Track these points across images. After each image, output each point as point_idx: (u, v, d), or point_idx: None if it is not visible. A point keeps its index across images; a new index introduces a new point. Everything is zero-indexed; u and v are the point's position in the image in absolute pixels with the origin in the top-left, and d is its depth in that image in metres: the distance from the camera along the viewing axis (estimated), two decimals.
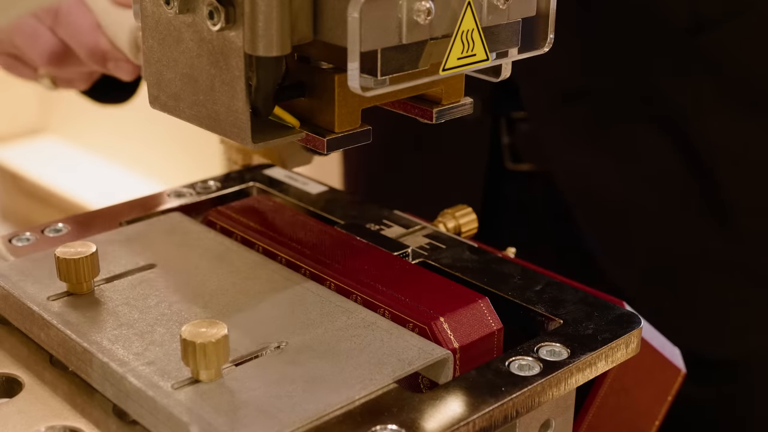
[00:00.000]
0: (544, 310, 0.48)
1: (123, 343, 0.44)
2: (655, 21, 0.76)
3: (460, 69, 0.44)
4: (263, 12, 0.40)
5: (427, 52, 0.43)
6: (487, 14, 0.44)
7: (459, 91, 0.49)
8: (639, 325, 0.47)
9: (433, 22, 0.42)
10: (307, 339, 0.45)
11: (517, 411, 0.42)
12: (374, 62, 0.42)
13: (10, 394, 0.45)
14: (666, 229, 0.79)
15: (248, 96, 0.43)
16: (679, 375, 0.52)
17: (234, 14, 0.42)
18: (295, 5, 0.41)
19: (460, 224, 0.58)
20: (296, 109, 0.46)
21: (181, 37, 0.45)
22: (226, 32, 0.42)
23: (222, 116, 0.44)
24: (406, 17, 0.41)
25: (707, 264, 0.80)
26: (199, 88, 0.45)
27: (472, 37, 0.44)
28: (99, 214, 0.59)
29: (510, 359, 0.44)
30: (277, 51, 0.41)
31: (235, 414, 0.39)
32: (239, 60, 0.42)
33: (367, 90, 0.42)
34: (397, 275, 0.49)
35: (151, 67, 0.47)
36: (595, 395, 0.49)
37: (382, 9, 0.40)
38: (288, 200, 0.61)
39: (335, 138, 0.45)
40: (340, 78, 0.44)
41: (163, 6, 0.44)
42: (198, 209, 0.60)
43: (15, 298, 0.48)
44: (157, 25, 0.46)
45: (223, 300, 0.48)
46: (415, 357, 0.43)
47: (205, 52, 0.44)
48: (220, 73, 0.43)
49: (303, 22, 0.42)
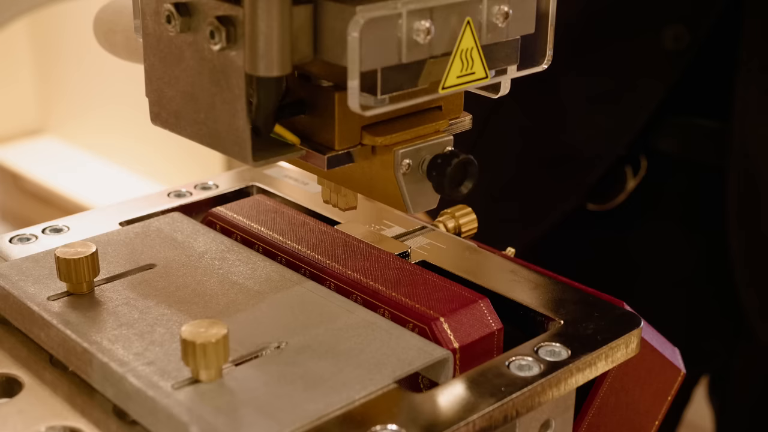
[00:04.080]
0: (544, 310, 0.48)
1: (123, 343, 0.44)
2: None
3: (459, 87, 0.44)
4: (264, 32, 0.41)
5: (426, 70, 0.43)
6: (486, 32, 0.44)
7: (459, 107, 0.50)
8: (639, 325, 0.47)
9: (432, 41, 0.42)
10: (307, 339, 0.45)
11: (517, 411, 0.42)
12: (374, 81, 0.42)
13: (10, 394, 0.45)
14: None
15: (249, 115, 0.43)
16: (679, 375, 0.52)
17: (235, 34, 0.42)
18: (295, 25, 0.41)
19: (460, 224, 0.58)
20: (296, 125, 0.46)
21: (182, 55, 0.45)
22: (227, 52, 0.43)
23: (223, 134, 0.44)
24: (405, 37, 0.41)
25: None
26: (200, 106, 0.45)
27: (471, 56, 0.44)
28: (99, 214, 0.59)
29: (510, 359, 0.44)
30: (277, 71, 0.41)
31: (235, 414, 0.39)
32: (240, 79, 0.43)
33: (367, 109, 0.42)
34: (397, 275, 0.49)
35: (152, 85, 0.47)
36: (595, 395, 0.49)
37: (382, 29, 0.40)
38: (288, 200, 0.61)
39: (336, 155, 0.46)
40: (340, 96, 0.45)
41: (165, 24, 0.45)
42: (198, 209, 0.60)
43: (15, 298, 0.48)
44: (158, 43, 0.46)
45: (223, 300, 0.48)
46: (415, 357, 0.43)
47: (206, 70, 0.44)
48: (221, 91, 0.44)
49: (303, 42, 0.42)
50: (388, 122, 0.46)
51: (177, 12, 0.44)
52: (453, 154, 0.45)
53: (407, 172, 0.46)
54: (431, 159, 0.46)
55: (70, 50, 2.48)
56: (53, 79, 2.60)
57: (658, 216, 0.87)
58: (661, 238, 0.88)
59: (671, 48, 0.78)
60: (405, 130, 0.46)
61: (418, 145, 0.46)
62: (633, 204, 0.86)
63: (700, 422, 1.17)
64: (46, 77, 2.62)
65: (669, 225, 0.87)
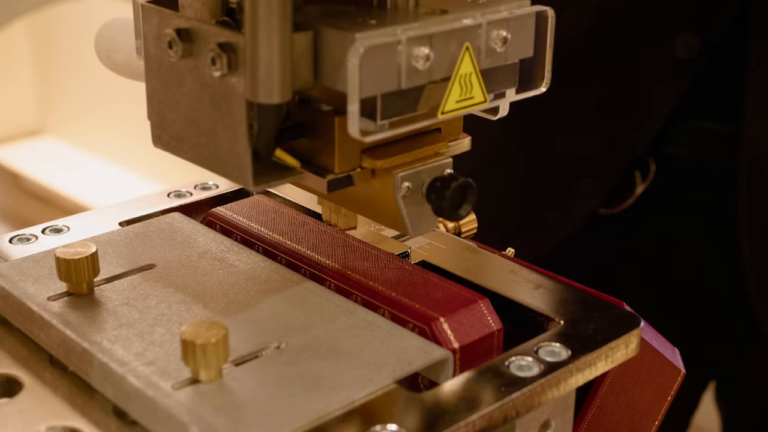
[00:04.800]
0: (544, 310, 0.48)
1: (123, 344, 0.44)
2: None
3: (458, 112, 0.45)
4: (264, 60, 0.41)
5: (426, 95, 0.44)
6: (485, 57, 0.44)
7: (458, 128, 0.50)
8: (639, 326, 0.47)
9: (431, 66, 0.42)
10: (307, 339, 0.45)
11: (517, 411, 0.42)
12: (374, 107, 0.42)
13: (10, 394, 0.45)
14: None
15: (250, 140, 0.43)
16: (679, 375, 0.52)
17: (236, 61, 0.42)
18: (296, 52, 0.42)
19: (460, 224, 0.58)
20: (296, 148, 0.47)
21: (184, 80, 0.45)
22: (228, 78, 0.43)
23: (224, 158, 0.45)
24: (405, 63, 0.41)
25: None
26: (201, 130, 0.45)
27: (470, 81, 0.44)
28: (99, 214, 0.59)
29: (510, 359, 0.44)
30: (278, 98, 0.41)
31: (235, 414, 0.39)
32: (241, 105, 0.43)
33: (367, 134, 0.42)
34: (397, 275, 0.49)
35: (153, 108, 0.48)
36: (595, 395, 0.49)
37: (382, 56, 0.41)
38: (288, 200, 0.61)
39: (336, 178, 0.46)
40: (340, 120, 0.45)
41: (166, 49, 0.45)
42: (198, 209, 0.60)
43: (15, 298, 0.48)
44: (159, 67, 0.46)
45: (223, 300, 0.48)
46: (415, 357, 0.43)
47: (207, 95, 0.44)
48: (222, 117, 0.44)
49: (304, 69, 0.42)
50: (387, 145, 0.46)
51: (179, 38, 0.44)
52: (452, 178, 0.46)
53: (407, 195, 0.46)
54: (430, 182, 0.46)
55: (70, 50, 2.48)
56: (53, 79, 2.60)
57: (667, 220, 0.87)
58: (670, 242, 0.88)
59: (682, 56, 0.79)
60: (404, 152, 0.47)
61: (417, 168, 0.46)
62: (642, 208, 0.86)
63: (708, 426, 1.17)
64: (46, 77, 2.62)
65: (678, 229, 0.88)
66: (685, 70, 0.79)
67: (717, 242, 0.86)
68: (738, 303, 0.85)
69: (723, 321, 0.89)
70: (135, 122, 2.20)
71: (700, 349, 0.87)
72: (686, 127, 0.83)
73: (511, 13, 0.45)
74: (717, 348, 0.90)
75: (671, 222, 0.87)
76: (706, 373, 0.94)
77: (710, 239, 0.87)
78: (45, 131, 2.68)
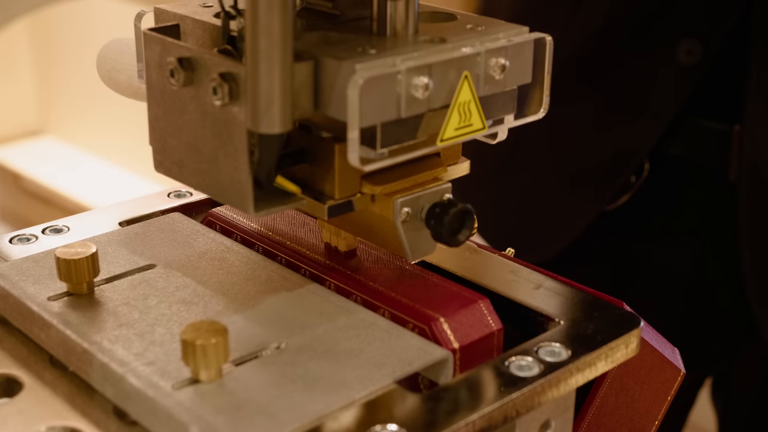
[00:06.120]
0: (544, 310, 0.48)
1: (123, 344, 0.44)
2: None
3: (457, 139, 0.45)
4: (265, 90, 0.41)
5: (425, 123, 0.44)
6: (483, 84, 0.45)
7: (457, 153, 0.50)
8: (639, 326, 0.47)
9: (431, 95, 0.42)
10: (307, 339, 0.45)
11: (517, 411, 0.42)
12: (373, 135, 0.42)
13: (10, 394, 0.45)
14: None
15: (251, 167, 0.43)
16: (679, 375, 0.52)
17: (237, 91, 0.42)
18: (296, 82, 0.42)
19: None
20: (297, 174, 0.47)
21: (186, 108, 0.45)
22: (229, 108, 0.43)
23: (225, 185, 0.45)
24: (404, 92, 0.42)
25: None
26: (202, 157, 0.46)
27: (469, 108, 0.44)
28: (99, 214, 0.59)
29: (510, 359, 0.44)
30: (279, 128, 0.42)
31: (235, 414, 0.39)
32: (242, 134, 0.43)
33: (367, 162, 0.42)
34: (397, 275, 0.49)
35: (155, 134, 0.48)
36: (595, 395, 0.49)
37: (382, 86, 0.41)
38: None
39: (336, 204, 0.46)
40: (340, 147, 0.45)
41: (168, 77, 0.45)
42: (198, 209, 0.60)
43: (15, 298, 0.48)
44: (161, 94, 0.46)
45: (223, 300, 0.48)
46: (415, 357, 0.43)
47: (209, 123, 0.44)
48: (224, 144, 0.44)
49: (304, 98, 0.42)
50: (386, 170, 0.47)
51: (180, 67, 0.44)
52: (450, 204, 0.46)
53: (406, 220, 0.46)
54: (429, 208, 0.46)
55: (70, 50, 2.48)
56: (53, 79, 2.60)
57: (664, 219, 0.87)
58: (669, 242, 0.88)
59: (685, 62, 0.79)
60: (403, 178, 0.47)
61: (416, 194, 0.47)
62: (642, 208, 0.86)
63: (703, 424, 1.17)
64: (46, 77, 2.62)
65: (678, 229, 0.88)
66: (687, 76, 0.80)
67: (715, 241, 0.86)
68: (735, 300, 0.85)
69: (721, 318, 0.89)
70: (135, 122, 2.20)
71: (698, 345, 0.87)
72: (685, 126, 0.83)
73: (510, 41, 0.45)
74: (714, 345, 0.90)
75: (670, 222, 0.87)
76: (704, 369, 0.94)
77: (709, 239, 0.87)
78: (45, 131, 2.68)
